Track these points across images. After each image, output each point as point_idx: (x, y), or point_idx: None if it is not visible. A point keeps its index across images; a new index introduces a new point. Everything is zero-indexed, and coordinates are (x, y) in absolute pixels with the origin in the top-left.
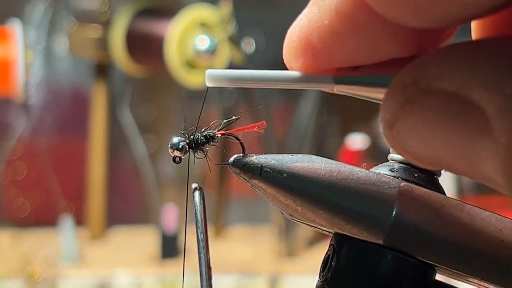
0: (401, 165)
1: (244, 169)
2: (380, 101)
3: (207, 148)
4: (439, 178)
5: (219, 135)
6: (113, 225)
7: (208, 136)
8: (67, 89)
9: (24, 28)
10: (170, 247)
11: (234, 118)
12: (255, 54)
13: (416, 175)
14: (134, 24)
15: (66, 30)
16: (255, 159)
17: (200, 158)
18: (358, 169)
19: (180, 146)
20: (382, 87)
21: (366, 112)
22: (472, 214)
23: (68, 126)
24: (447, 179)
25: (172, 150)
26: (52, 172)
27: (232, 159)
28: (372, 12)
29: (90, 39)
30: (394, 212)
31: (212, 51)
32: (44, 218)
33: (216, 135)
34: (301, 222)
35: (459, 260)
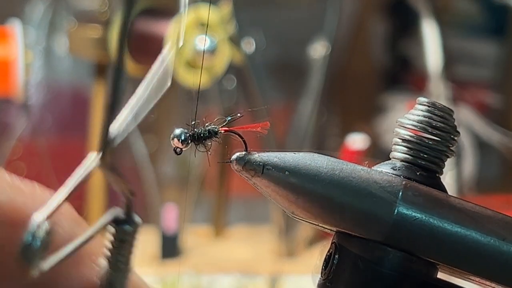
0: (403, 163)
1: (246, 167)
2: None
3: (209, 143)
4: (440, 177)
5: (222, 131)
6: None
7: (211, 131)
8: (67, 89)
9: (24, 28)
10: (170, 247)
11: (239, 115)
12: (255, 54)
13: (418, 173)
14: (134, 24)
15: (66, 30)
16: (257, 157)
17: (201, 151)
18: (360, 167)
19: (183, 138)
20: None
21: (366, 112)
22: (474, 213)
23: (68, 126)
24: (448, 178)
25: (174, 141)
26: (52, 172)
27: (234, 156)
28: None
29: (90, 39)
30: (396, 211)
31: (212, 51)
32: None
33: (219, 131)
34: (303, 220)
35: (461, 258)
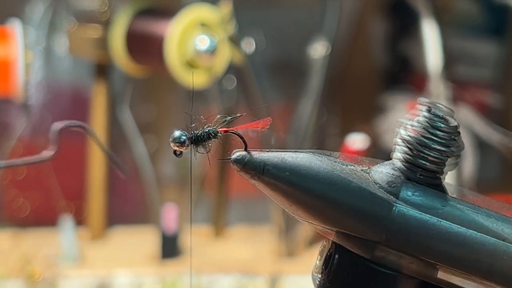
0: (403, 163)
1: (245, 168)
2: None
3: (208, 144)
4: (441, 177)
5: (220, 133)
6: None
7: (210, 132)
8: (67, 89)
9: (24, 28)
10: (170, 247)
11: (239, 114)
12: (255, 54)
13: (418, 174)
14: (134, 24)
15: (66, 30)
16: (257, 158)
17: (201, 153)
18: (360, 168)
19: (182, 140)
20: None
21: (366, 112)
22: (474, 214)
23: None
24: (447, 178)
25: (173, 143)
26: (52, 172)
27: (234, 156)
28: None
29: (90, 39)
30: (396, 211)
31: (212, 51)
32: (44, 218)
33: (217, 132)
34: (303, 220)
35: (460, 258)
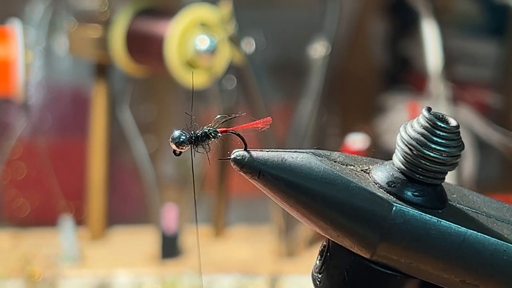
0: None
1: (243, 169)
2: None
3: (208, 143)
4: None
5: (220, 134)
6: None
7: (209, 132)
8: (67, 89)
9: (24, 28)
10: (170, 247)
11: (239, 114)
12: (255, 54)
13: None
14: (134, 24)
15: (66, 30)
16: (257, 157)
17: (201, 153)
18: (360, 168)
19: (181, 140)
20: None
21: (366, 112)
22: (474, 214)
23: (68, 126)
24: (447, 178)
25: (173, 143)
26: (52, 172)
27: (233, 156)
28: None
29: (90, 39)
30: (394, 209)
31: (212, 51)
32: (44, 218)
33: (217, 132)
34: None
35: (460, 259)
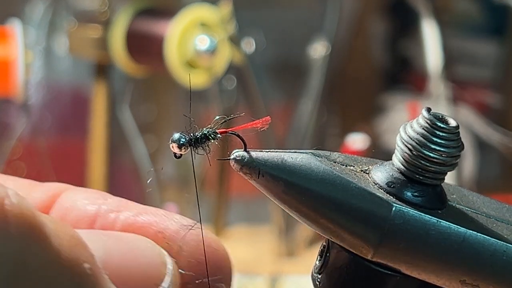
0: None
1: (243, 170)
2: None
3: (207, 145)
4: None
5: (220, 135)
6: None
7: (209, 134)
8: (67, 89)
9: (24, 28)
10: None
11: (238, 114)
12: (255, 54)
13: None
14: (134, 24)
15: (66, 30)
16: (256, 158)
17: (201, 154)
18: (359, 168)
19: (181, 142)
20: None
21: (366, 112)
22: (474, 214)
23: (68, 126)
24: (447, 178)
25: (172, 145)
26: (52, 172)
27: (233, 156)
28: None
29: (90, 39)
30: (394, 210)
31: (212, 51)
32: None
33: (217, 133)
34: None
35: (459, 259)
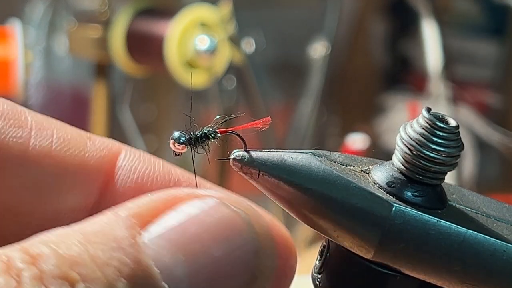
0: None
1: (243, 170)
2: None
3: (207, 144)
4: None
5: (220, 135)
6: None
7: (209, 133)
8: (67, 89)
9: (24, 28)
10: None
11: (239, 114)
12: (255, 54)
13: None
14: (134, 24)
15: (66, 30)
16: (256, 158)
17: (201, 154)
18: (359, 168)
19: (181, 141)
20: None
21: (366, 112)
22: (474, 214)
23: None
24: (447, 178)
25: (172, 145)
26: None
27: (233, 156)
28: None
29: (90, 39)
30: (394, 210)
31: (212, 51)
32: None
33: (217, 133)
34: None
35: (459, 259)
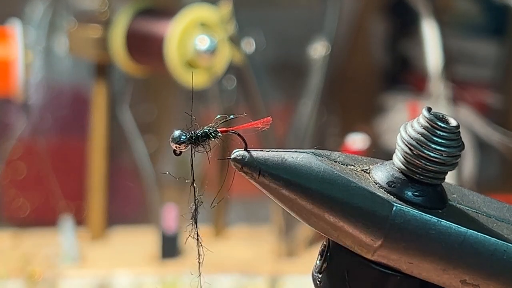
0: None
1: (243, 169)
2: None
3: (208, 143)
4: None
5: (220, 134)
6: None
7: (209, 132)
8: (67, 89)
9: (24, 28)
10: (170, 247)
11: (240, 114)
12: (255, 54)
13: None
14: (134, 24)
15: (66, 30)
16: (257, 157)
17: (201, 152)
18: (360, 168)
19: (181, 140)
20: None
21: (366, 112)
22: (474, 214)
23: (68, 126)
24: (447, 178)
25: (173, 143)
26: (52, 172)
27: (233, 155)
28: None
29: (90, 39)
30: (394, 209)
31: (212, 51)
32: (44, 218)
33: (217, 132)
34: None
35: (459, 259)
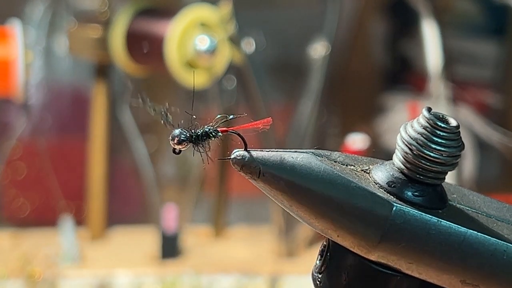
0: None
1: (243, 169)
2: None
3: (208, 143)
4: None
5: (220, 133)
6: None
7: (209, 132)
8: (67, 89)
9: (24, 28)
10: (170, 247)
11: (240, 115)
12: (255, 54)
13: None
14: (134, 24)
15: (66, 30)
16: (257, 157)
17: (201, 152)
18: (360, 168)
19: (181, 139)
20: None
21: (366, 112)
22: (474, 214)
23: (68, 126)
24: (447, 178)
25: (173, 142)
26: (52, 172)
27: (233, 155)
28: None
29: (90, 39)
30: (394, 209)
31: (212, 51)
32: (44, 218)
33: (217, 131)
34: (303, 221)
35: (460, 259)
